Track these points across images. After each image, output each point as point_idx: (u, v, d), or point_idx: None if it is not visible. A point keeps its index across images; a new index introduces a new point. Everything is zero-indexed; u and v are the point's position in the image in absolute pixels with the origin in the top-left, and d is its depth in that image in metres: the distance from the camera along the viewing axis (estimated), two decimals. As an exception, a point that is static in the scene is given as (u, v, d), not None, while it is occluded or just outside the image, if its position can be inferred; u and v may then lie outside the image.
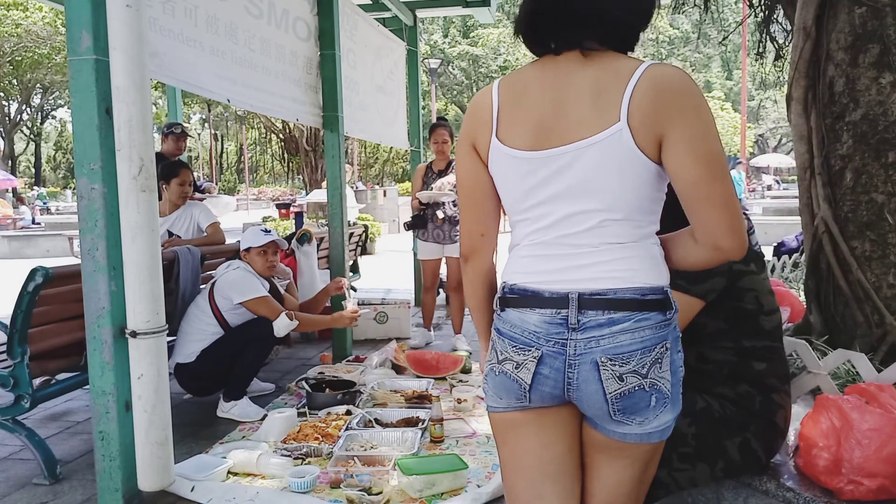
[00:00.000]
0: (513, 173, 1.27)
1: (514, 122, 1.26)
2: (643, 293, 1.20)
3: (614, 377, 1.20)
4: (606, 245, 1.22)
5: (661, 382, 1.21)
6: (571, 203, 1.23)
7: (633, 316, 1.19)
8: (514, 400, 1.30)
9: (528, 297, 1.26)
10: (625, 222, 1.22)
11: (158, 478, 2.43)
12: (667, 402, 1.22)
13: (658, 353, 1.20)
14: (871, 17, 2.83)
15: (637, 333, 1.19)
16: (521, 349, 1.26)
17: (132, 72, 2.28)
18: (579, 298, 1.21)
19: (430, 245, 4.88)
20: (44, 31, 25.48)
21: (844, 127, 2.93)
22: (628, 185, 1.19)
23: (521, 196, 1.28)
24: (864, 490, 1.93)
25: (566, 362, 1.22)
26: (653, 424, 1.23)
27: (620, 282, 1.21)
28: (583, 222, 1.23)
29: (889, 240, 2.85)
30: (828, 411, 2.06)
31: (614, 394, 1.20)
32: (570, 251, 1.24)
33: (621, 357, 1.19)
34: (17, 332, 2.68)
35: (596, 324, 1.20)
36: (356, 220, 11.73)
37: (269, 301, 3.46)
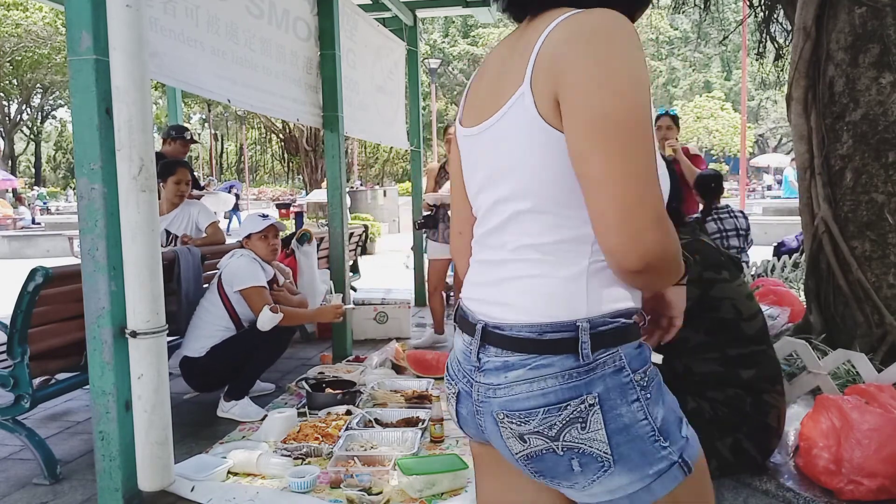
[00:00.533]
0: (463, 155, 1.10)
1: (469, 102, 1.09)
2: (541, 331, 0.91)
3: (515, 437, 0.95)
4: (518, 251, 0.97)
5: (585, 445, 0.91)
6: (489, 190, 1.01)
7: (528, 361, 0.92)
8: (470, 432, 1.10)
9: (462, 318, 1.06)
10: (542, 216, 0.94)
11: (158, 478, 2.43)
12: (604, 465, 0.91)
13: (575, 410, 0.90)
14: (871, 17, 2.83)
15: (537, 384, 0.91)
16: (449, 382, 1.09)
17: (132, 72, 2.28)
18: (484, 330, 0.97)
19: (440, 245, 4.85)
20: (44, 31, 25.49)
21: (844, 127, 2.93)
22: (537, 165, 0.92)
23: (468, 182, 1.10)
24: (864, 490, 1.93)
25: (474, 407, 1.01)
26: (596, 490, 0.93)
27: (517, 312, 0.94)
28: (498, 214, 0.99)
29: (889, 240, 2.85)
30: (828, 411, 2.06)
31: (520, 455, 0.96)
32: (487, 256, 1.03)
33: (518, 415, 0.93)
34: (17, 332, 2.68)
35: (493, 366, 0.95)
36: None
37: (263, 292, 3.47)
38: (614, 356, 0.91)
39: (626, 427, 0.91)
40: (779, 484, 2.07)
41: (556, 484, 0.96)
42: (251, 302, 3.43)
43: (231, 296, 3.47)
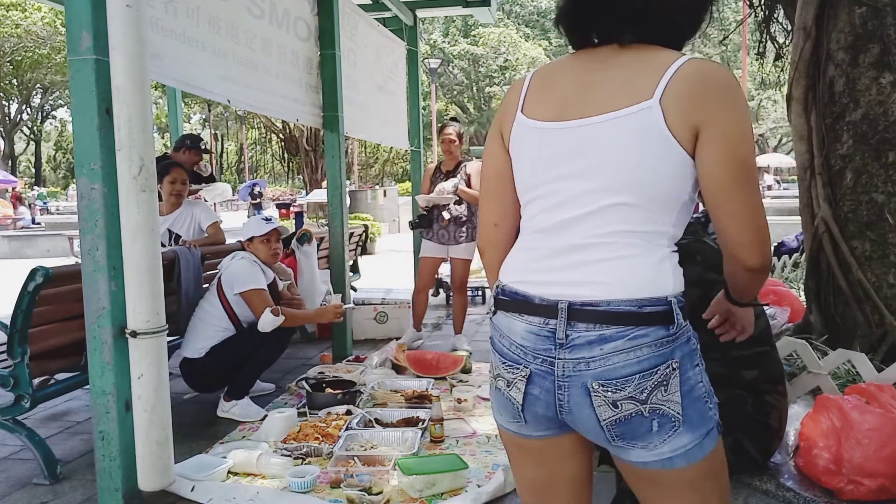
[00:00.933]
0: (528, 146, 1.20)
1: (539, 100, 1.20)
2: (641, 305, 1.05)
3: (607, 404, 1.07)
4: (611, 236, 1.09)
5: (665, 406, 1.06)
6: (583, 180, 1.12)
7: (628, 332, 1.05)
8: (511, 418, 1.21)
9: (517, 302, 1.15)
10: (638, 210, 1.09)
11: (158, 478, 2.43)
12: (675, 425, 1.07)
13: (662, 375, 1.05)
14: (871, 17, 2.83)
15: (632, 354, 1.05)
16: (509, 366, 1.16)
17: (132, 72, 2.28)
18: (569, 309, 1.08)
19: (432, 244, 4.84)
20: (43, 32, 25.49)
21: (844, 127, 2.93)
22: (649, 167, 1.08)
23: (533, 171, 1.19)
24: (864, 490, 1.93)
25: (555, 383, 1.10)
26: (664, 449, 1.08)
27: (615, 290, 1.07)
28: (591, 203, 1.10)
29: (889, 240, 2.85)
30: (828, 411, 2.06)
31: (608, 421, 1.08)
32: (565, 241, 1.12)
33: (615, 382, 1.05)
34: (17, 332, 2.68)
35: (585, 341, 1.07)
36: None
37: (264, 295, 3.47)
38: (687, 328, 1.10)
39: (691, 389, 1.08)
40: (779, 484, 2.07)
41: (631, 445, 1.10)
42: (252, 304, 3.43)
43: (231, 298, 3.47)
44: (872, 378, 2.39)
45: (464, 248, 4.78)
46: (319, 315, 3.83)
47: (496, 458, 2.82)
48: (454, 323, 4.94)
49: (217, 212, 5.39)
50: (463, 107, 38.25)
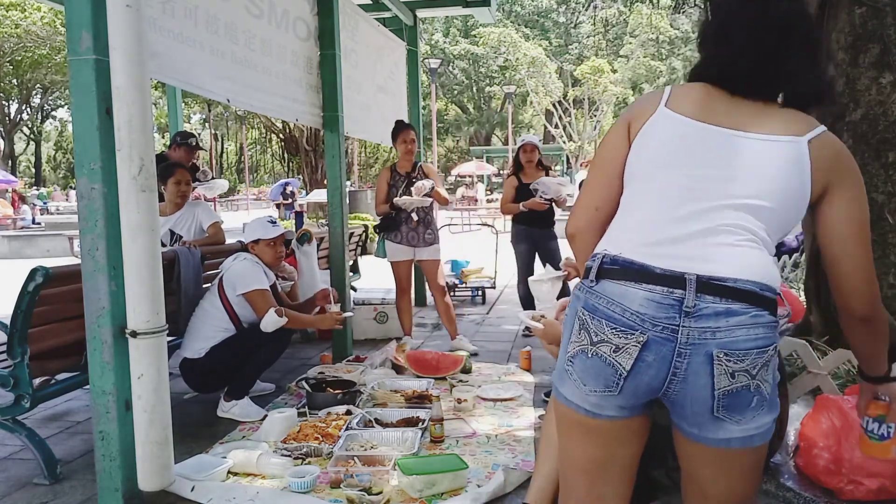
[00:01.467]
0: (670, 133, 1.28)
1: (685, 102, 1.30)
2: (762, 288, 1.17)
3: (726, 373, 1.14)
4: (739, 228, 1.20)
5: (764, 385, 1.17)
6: (723, 179, 1.22)
7: (751, 310, 1.15)
8: (603, 387, 1.22)
9: (633, 271, 1.20)
10: (758, 216, 1.22)
11: (158, 478, 2.43)
12: (765, 404, 1.19)
13: (769, 355, 1.17)
14: (871, 17, 2.83)
15: (753, 330, 1.14)
16: (621, 332, 1.18)
17: (132, 72, 2.28)
18: (697, 281, 1.15)
19: (401, 247, 4.76)
20: (43, 32, 25.47)
21: (844, 127, 2.93)
22: (782, 188, 1.22)
23: (669, 156, 1.27)
24: (864, 490, 1.93)
25: (675, 350, 1.15)
26: (752, 425, 1.19)
27: (742, 271, 1.16)
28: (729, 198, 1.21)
29: (889, 240, 2.85)
30: (828, 411, 2.06)
31: (722, 390, 1.15)
32: (697, 225, 1.21)
33: (738, 354, 1.14)
34: (17, 332, 2.68)
35: (713, 312, 1.14)
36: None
37: (267, 295, 3.47)
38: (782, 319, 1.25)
39: (775, 374, 1.20)
40: (779, 484, 2.07)
41: (728, 418, 1.18)
42: (255, 305, 3.43)
43: (232, 299, 3.47)
44: (872, 378, 2.39)
45: (434, 249, 4.78)
46: (320, 321, 3.82)
47: (496, 458, 2.82)
48: (447, 329, 4.89)
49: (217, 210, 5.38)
50: (463, 107, 38.25)
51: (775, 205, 1.22)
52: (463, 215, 19.32)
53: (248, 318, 3.51)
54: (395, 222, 4.73)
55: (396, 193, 4.73)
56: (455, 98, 37.57)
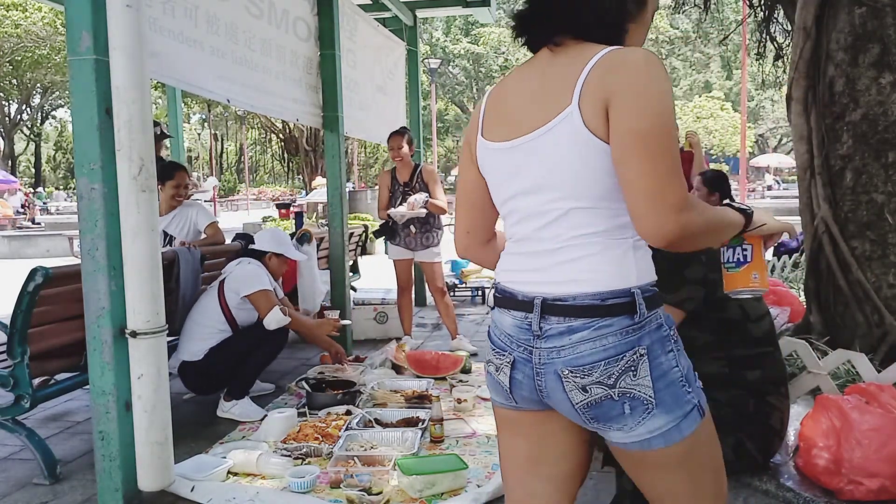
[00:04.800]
0: (491, 167, 1.29)
1: (495, 119, 1.28)
2: (603, 298, 1.13)
3: (577, 388, 1.15)
4: (574, 239, 1.16)
5: (636, 390, 1.13)
6: (538, 193, 1.20)
7: (593, 323, 1.13)
8: (504, 399, 1.30)
9: (506, 299, 1.26)
10: (593, 211, 1.15)
11: (158, 478, 2.43)
12: (648, 408, 1.13)
13: (629, 360, 1.12)
14: (871, 17, 2.83)
15: (598, 342, 1.13)
16: (497, 353, 1.27)
17: (132, 72, 2.28)
18: (542, 304, 1.17)
19: (400, 248, 4.80)
20: (43, 32, 25.46)
21: (844, 127, 2.93)
22: (586, 170, 1.13)
23: (500, 190, 1.29)
24: (864, 490, 1.93)
25: (534, 370, 1.20)
26: (640, 430, 1.14)
27: (580, 285, 1.15)
28: (550, 213, 1.18)
29: (889, 240, 2.86)
30: (828, 411, 2.06)
31: (580, 404, 1.16)
32: (539, 247, 1.21)
33: (583, 369, 1.13)
34: (17, 332, 2.68)
35: (557, 332, 1.16)
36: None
37: (270, 295, 3.48)
38: (656, 315, 1.15)
39: (664, 374, 1.14)
40: (779, 484, 2.07)
41: (607, 427, 1.17)
42: (259, 304, 3.44)
43: (233, 302, 3.47)
44: (872, 378, 2.39)
45: (431, 252, 4.78)
46: (319, 326, 3.82)
47: (496, 458, 2.82)
48: (448, 329, 4.90)
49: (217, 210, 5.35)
50: (463, 107, 38.23)
51: (589, 197, 1.15)
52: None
53: (244, 321, 3.51)
54: (391, 230, 4.75)
55: (395, 203, 4.74)
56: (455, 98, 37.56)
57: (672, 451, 1.16)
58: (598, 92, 1.10)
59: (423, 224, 4.73)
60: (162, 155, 5.00)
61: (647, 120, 1.07)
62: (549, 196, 1.18)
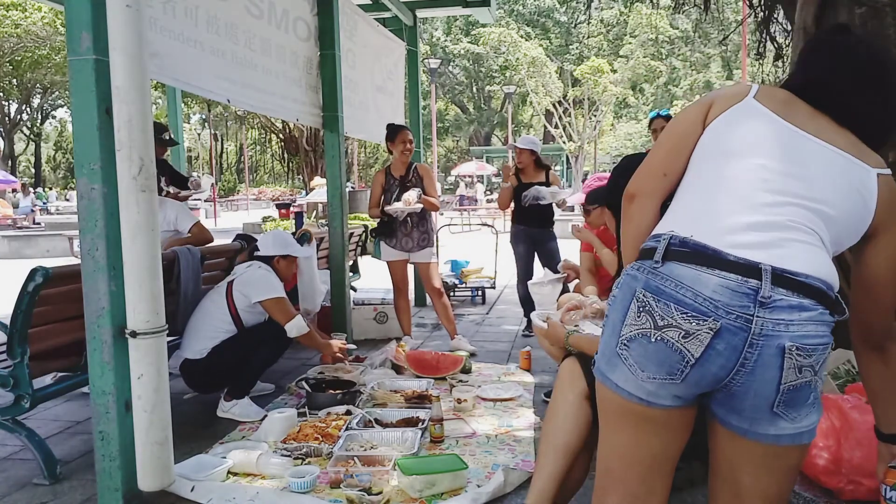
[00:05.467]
0: (748, 123, 1.30)
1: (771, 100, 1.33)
2: (828, 287, 1.18)
3: (795, 368, 1.13)
4: (810, 230, 1.21)
5: (820, 383, 1.19)
6: (801, 180, 1.24)
7: (819, 308, 1.16)
8: (665, 374, 1.18)
9: (706, 255, 1.17)
10: (833, 225, 1.25)
11: (158, 478, 2.43)
12: (817, 402, 1.20)
13: (826, 353, 1.18)
14: (871, 17, 2.83)
15: (821, 327, 1.15)
16: (692, 317, 1.15)
17: (132, 72, 2.28)
18: (773, 272, 1.13)
19: (394, 251, 4.78)
20: (43, 32, 25.46)
21: (844, 127, 2.93)
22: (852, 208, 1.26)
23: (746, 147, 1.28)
24: (864, 490, 1.93)
25: (747, 340, 1.13)
26: (804, 423, 1.19)
27: (814, 268, 1.17)
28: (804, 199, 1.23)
29: (889, 240, 2.85)
30: (828, 411, 2.06)
31: (788, 385, 1.14)
32: (771, 218, 1.20)
33: (807, 349, 1.14)
34: (17, 332, 2.68)
35: (787, 305, 1.13)
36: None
37: (286, 303, 3.50)
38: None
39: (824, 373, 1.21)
40: (779, 484, 2.07)
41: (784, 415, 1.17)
42: (275, 312, 3.45)
43: (240, 302, 3.48)
44: (872, 378, 2.39)
45: (427, 252, 4.77)
46: (326, 347, 3.79)
47: (496, 458, 2.82)
48: (446, 329, 4.90)
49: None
50: (463, 107, 38.24)
51: (841, 217, 1.25)
52: (463, 215, 19.34)
53: (251, 322, 3.52)
54: (390, 228, 4.73)
55: (390, 198, 4.72)
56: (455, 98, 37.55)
57: (804, 449, 1.23)
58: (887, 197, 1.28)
59: (419, 223, 4.72)
60: (192, 181, 4.99)
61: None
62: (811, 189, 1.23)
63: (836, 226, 1.26)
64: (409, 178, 4.75)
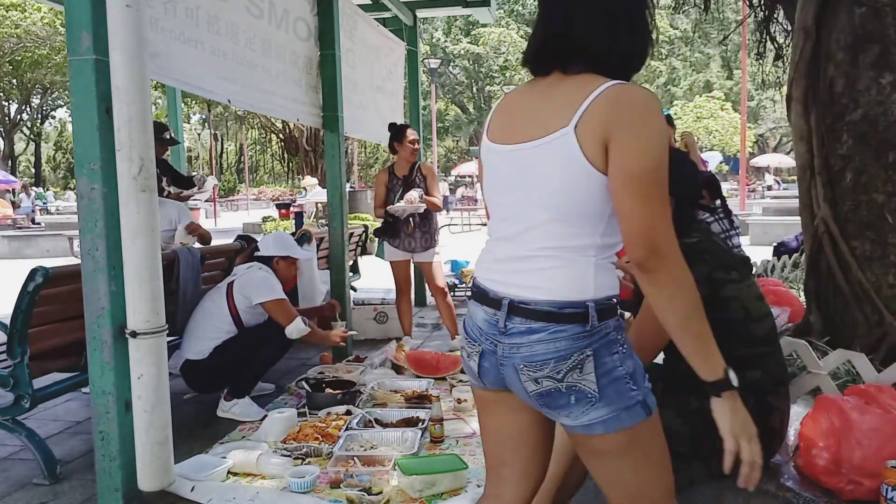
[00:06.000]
0: (488, 164, 1.44)
1: (499, 124, 1.42)
2: (561, 307, 1.28)
3: (531, 380, 1.31)
4: (544, 249, 1.30)
5: (581, 384, 1.28)
6: (523, 199, 1.33)
7: (549, 327, 1.28)
8: (475, 380, 1.46)
9: (480, 294, 1.40)
10: (566, 226, 1.28)
11: (158, 478, 2.43)
12: (593, 400, 1.28)
13: (576, 360, 1.27)
14: (871, 17, 2.83)
15: (552, 344, 1.28)
16: (470, 341, 1.42)
17: (132, 72, 2.28)
18: (509, 305, 1.32)
19: (397, 250, 4.77)
20: (43, 32, 25.46)
21: (844, 127, 2.93)
22: (570, 188, 1.26)
23: (489, 186, 1.43)
24: (864, 490, 1.93)
25: (497, 361, 1.36)
26: (585, 418, 1.30)
27: (542, 293, 1.29)
28: (529, 220, 1.32)
29: (889, 240, 2.85)
30: (828, 411, 2.06)
31: (533, 393, 1.32)
32: (514, 251, 1.35)
33: (536, 364, 1.29)
34: (17, 332, 2.68)
35: (518, 331, 1.31)
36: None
37: (287, 305, 3.50)
38: (607, 324, 1.30)
39: (608, 371, 1.29)
40: (779, 484, 2.07)
41: (556, 413, 1.33)
42: (275, 313, 3.45)
43: (240, 303, 3.48)
44: (872, 378, 2.39)
45: (430, 252, 4.77)
46: (327, 337, 3.81)
47: (496, 458, 2.82)
48: (448, 329, 4.90)
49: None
50: (463, 107, 38.24)
51: (565, 213, 1.27)
52: (463, 215, 19.34)
53: (251, 323, 3.52)
54: (394, 228, 4.72)
55: (394, 198, 4.71)
56: (455, 98, 37.56)
57: (613, 438, 1.30)
58: (597, 124, 1.22)
59: (422, 223, 4.72)
60: (163, 158, 4.97)
61: (642, 162, 1.21)
62: (532, 203, 1.31)
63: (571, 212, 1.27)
64: (412, 178, 4.74)
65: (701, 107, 31.13)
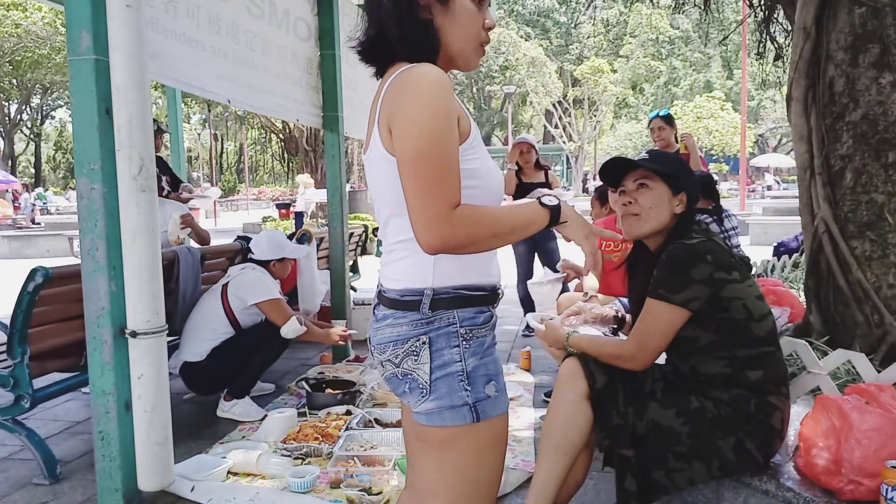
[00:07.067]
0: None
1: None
2: (402, 294, 1.33)
3: (379, 363, 1.38)
4: (395, 244, 1.35)
5: (415, 373, 1.31)
6: (375, 202, 1.40)
7: (395, 314, 1.34)
8: None
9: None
10: (401, 217, 1.29)
11: (158, 478, 2.43)
12: (424, 392, 1.30)
13: (412, 346, 1.30)
14: (871, 17, 2.83)
15: (394, 329, 1.33)
16: None
17: (132, 72, 2.28)
18: (378, 294, 1.41)
19: None
20: (43, 32, 25.46)
21: (844, 127, 2.93)
22: (390, 185, 1.28)
23: None
24: (864, 490, 1.93)
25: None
26: (417, 409, 1.33)
27: (390, 282, 1.36)
28: (381, 220, 1.39)
29: (889, 240, 2.85)
30: (828, 411, 2.06)
31: (383, 378, 1.39)
32: (384, 248, 1.41)
33: (380, 346, 1.36)
34: (17, 332, 2.68)
35: (378, 317, 1.39)
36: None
37: (282, 304, 3.50)
38: (449, 314, 1.30)
39: (444, 364, 1.29)
40: (779, 484, 2.07)
41: (403, 399, 1.37)
42: (271, 313, 3.44)
43: (235, 304, 3.48)
44: (872, 378, 2.39)
45: None
46: (328, 335, 3.81)
47: (496, 458, 2.82)
48: None
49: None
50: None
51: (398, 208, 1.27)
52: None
53: (248, 323, 3.51)
54: None
55: None
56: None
57: (430, 431, 1.31)
58: (385, 110, 1.25)
59: None
60: (161, 154, 4.96)
61: (411, 142, 1.19)
62: (378, 204, 1.38)
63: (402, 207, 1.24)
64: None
65: (701, 107, 31.14)
